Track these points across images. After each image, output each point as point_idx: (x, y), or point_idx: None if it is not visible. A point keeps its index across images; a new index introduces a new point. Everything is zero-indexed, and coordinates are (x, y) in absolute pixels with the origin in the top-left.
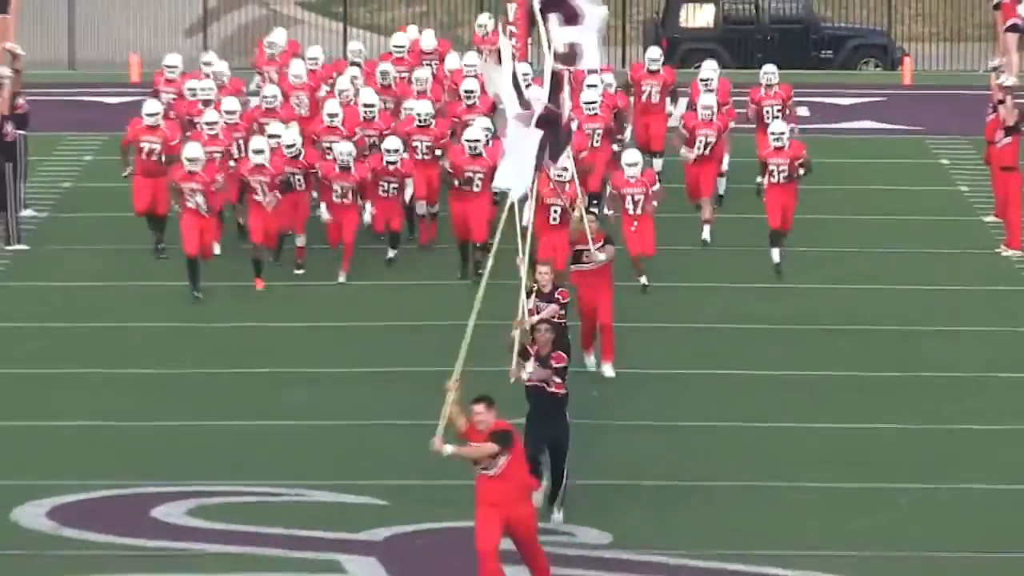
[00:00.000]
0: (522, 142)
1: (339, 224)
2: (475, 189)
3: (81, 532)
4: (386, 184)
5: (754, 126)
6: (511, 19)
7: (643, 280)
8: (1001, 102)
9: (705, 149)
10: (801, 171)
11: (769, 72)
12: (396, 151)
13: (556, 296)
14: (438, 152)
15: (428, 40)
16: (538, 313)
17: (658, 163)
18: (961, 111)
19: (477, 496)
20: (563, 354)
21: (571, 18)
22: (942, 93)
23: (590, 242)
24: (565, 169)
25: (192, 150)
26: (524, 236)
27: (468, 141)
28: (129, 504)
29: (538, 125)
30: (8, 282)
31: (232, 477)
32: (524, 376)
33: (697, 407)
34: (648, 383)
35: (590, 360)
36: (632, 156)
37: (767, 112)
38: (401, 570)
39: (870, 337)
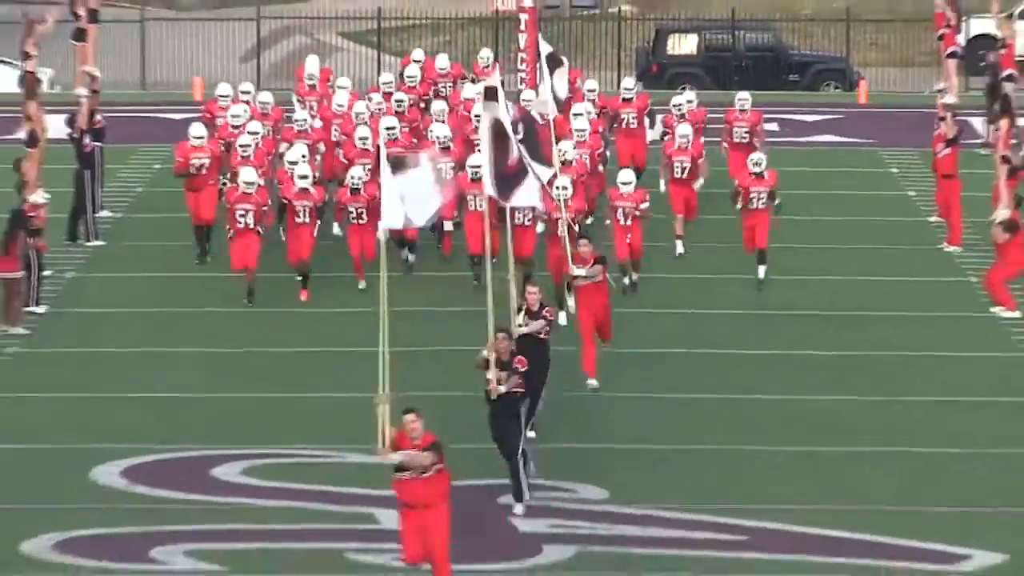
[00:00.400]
0: (414, 181)
1: (358, 240)
2: (480, 209)
3: (150, 488)
4: None
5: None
6: (522, 47)
7: (629, 279)
8: (943, 119)
9: (682, 173)
10: (775, 201)
11: (743, 99)
12: None
13: (543, 314)
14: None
15: (442, 61)
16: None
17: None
18: (909, 127)
19: (400, 500)
20: (524, 358)
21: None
22: (893, 111)
23: (570, 263)
24: (565, 188)
25: (248, 174)
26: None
27: (471, 167)
28: (192, 465)
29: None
30: (88, 273)
31: (280, 442)
32: (503, 389)
33: (687, 381)
34: (643, 361)
35: (592, 383)
36: (626, 176)
37: (735, 131)
38: None
39: (834, 322)
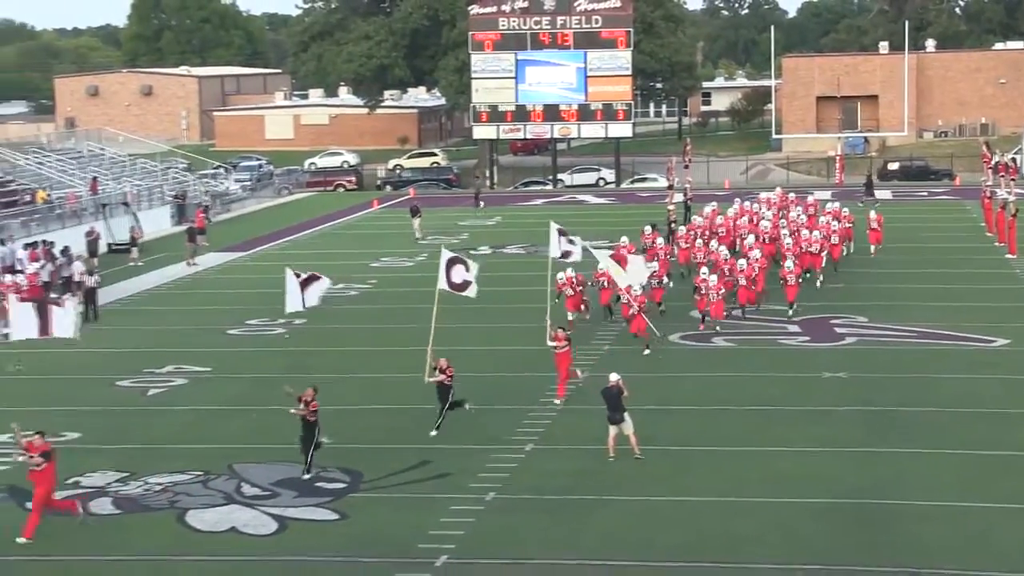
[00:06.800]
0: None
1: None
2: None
3: None
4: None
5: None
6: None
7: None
8: (985, 189)
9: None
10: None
11: (873, 216)
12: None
13: (448, 371)
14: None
15: (775, 191)
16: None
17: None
18: (974, 194)
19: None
20: (317, 403)
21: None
22: (969, 187)
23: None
24: (642, 285)
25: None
26: None
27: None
28: None
29: None
30: None
31: None
32: (294, 411)
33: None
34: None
35: (557, 403)
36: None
37: (872, 221)
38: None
39: None
